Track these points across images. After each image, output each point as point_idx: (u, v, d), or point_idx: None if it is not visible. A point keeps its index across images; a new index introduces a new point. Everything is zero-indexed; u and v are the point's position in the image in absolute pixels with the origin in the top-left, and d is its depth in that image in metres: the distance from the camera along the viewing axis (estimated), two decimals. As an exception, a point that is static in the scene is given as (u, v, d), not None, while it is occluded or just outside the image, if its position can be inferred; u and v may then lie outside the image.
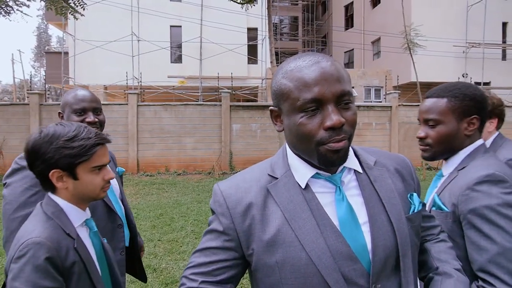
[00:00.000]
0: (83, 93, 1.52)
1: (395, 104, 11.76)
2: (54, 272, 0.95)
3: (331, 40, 23.13)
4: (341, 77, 0.72)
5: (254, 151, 11.08)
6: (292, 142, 0.79)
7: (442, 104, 1.14)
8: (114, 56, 14.25)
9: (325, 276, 0.70)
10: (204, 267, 0.79)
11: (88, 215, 1.15)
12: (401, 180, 0.84)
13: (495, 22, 16.11)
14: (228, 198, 0.80)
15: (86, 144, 1.04)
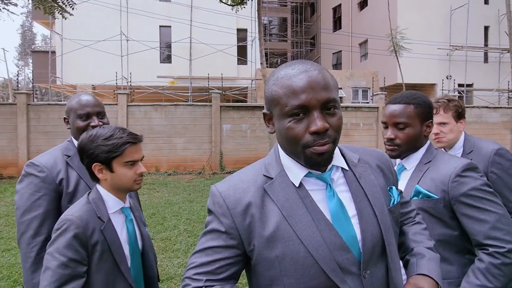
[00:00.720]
0: (87, 98, 1.58)
1: (381, 105, 12.03)
2: (78, 246, 1.14)
3: (319, 41, 23.42)
4: (327, 85, 0.78)
5: (244, 151, 11.18)
6: (282, 144, 0.86)
7: (410, 110, 1.30)
8: (103, 55, 14.13)
9: (323, 266, 0.77)
10: (207, 266, 0.82)
11: (126, 204, 1.32)
12: (382, 175, 0.93)
13: (478, 26, 16.64)
14: (227, 198, 0.84)
15: (118, 143, 1.23)
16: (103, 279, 1.19)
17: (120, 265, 1.23)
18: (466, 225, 1.20)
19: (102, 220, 1.22)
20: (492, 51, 16.68)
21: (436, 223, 1.24)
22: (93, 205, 1.23)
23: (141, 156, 1.31)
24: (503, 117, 12.89)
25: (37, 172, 1.43)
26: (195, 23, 14.46)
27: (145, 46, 14.40)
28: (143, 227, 1.40)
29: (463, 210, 1.19)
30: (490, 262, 1.12)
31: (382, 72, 16.49)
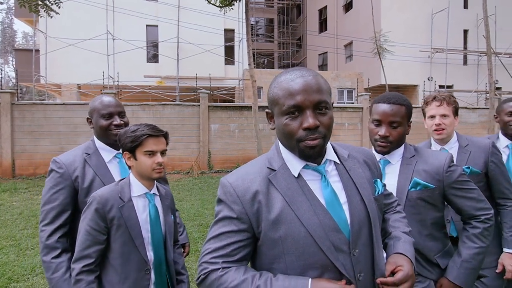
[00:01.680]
0: (109, 99, 1.72)
1: (366, 105, 12.36)
2: (98, 218, 1.38)
3: (306, 42, 23.72)
4: (320, 88, 0.91)
5: (232, 150, 11.30)
6: (281, 139, 0.99)
7: (402, 110, 1.44)
8: (89, 54, 13.99)
9: (320, 245, 0.89)
10: (222, 250, 0.92)
11: (152, 191, 1.51)
12: (368, 169, 1.07)
13: (457, 30, 17.23)
14: (237, 188, 0.95)
15: (138, 134, 1.43)
16: (119, 248, 1.41)
17: (135, 240, 1.42)
18: (459, 204, 1.44)
19: (123, 200, 1.42)
20: (471, 54, 17.30)
21: (431, 209, 1.44)
22: (119, 188, 1.45)
23: (161, 148, 1.47)
24: (481, 117, 13.43)
25: (57, 168, 1.59)
26: (183, 23, 14.48)
27: (131, 45, 14.32)
28: (168, 215, 1.56)
29: (456, 193, 1.44)
30: (483, 227, 1.40)
31: (366, 73, 16.88)
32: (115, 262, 1.42)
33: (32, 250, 4.13)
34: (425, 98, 2.03)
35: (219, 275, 0.90)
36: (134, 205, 1.45)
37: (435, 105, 1.89)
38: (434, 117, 1.89)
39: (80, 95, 15.00)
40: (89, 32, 13.99)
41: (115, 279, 1.41)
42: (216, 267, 0.91)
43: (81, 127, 10.26)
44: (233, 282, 0.88)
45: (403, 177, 1.45)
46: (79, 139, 10.23)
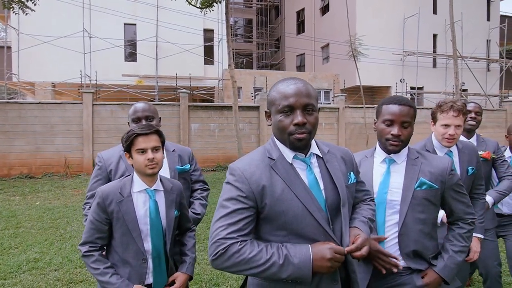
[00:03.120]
0: (138, 105, 1.99)
1: (342, 106, 12.82)
2: (99, 211, 1.56)
3: (284, 43, 24.10)
4: (308, 94, 1.14)
5: (213, 150, 11.43)
6: (275, 133, 1.20)
7: (412, 111, 1.52)
8: (64, 52, 13.66)
9: (315, 216, 1.12)
10: (235, 226, 1.09)
11: (153, 187, 1.62)
12: (344, 164, 1.28)
13: (427, 34, 18.10)
14: (245, 171, 1.14)
15: (129, 134, 1.56)
16: (120, 238, 1.57)
17: (132, 232, 1.55)
18: (453, 205, 1.54)
19: (122, 195, 1.57)
20: (440, 57, 18.22)
21: (433, 209, 1.51)
22: (121, 183, 1.61)
23: (152, 145, 1.56)
24: (449, 118, 14.20)
25: (98, 161, 1.97)
26: (161, 22, 14.42)
27: (109, 44, 14.12)
28: (171, 210, 1.65)
29: (453, 195, 1.53)
30: (468, 228, 1.54)
31: (342, 74, 17.42)
32: (117, 249, 1.59)
33: (16, 249, 4.15)
34: (441, 103, 2.02)
35: (238, 248, 1.06)
36: (134, 200, 1.58)
37: (452, 115, 1.94)
38: (449, 126, 1.94)
39: (55, 94, 14.62)
40: (64, 30, 13.66)
41: (118, 263, 1.59)
42: (234, 241, 1.07)
43: (58, 126, 10.09)
44: (252, 253, 1.06)
45: (410, 177, 1.51)
46: (56, 138, 10.06)
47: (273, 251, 1.07)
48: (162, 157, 1.62)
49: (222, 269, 1.11)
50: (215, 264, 1.10)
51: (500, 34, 20.09)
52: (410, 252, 1.45)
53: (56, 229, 4.96)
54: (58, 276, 3.39)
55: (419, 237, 1.46)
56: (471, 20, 18.52)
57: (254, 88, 16.07)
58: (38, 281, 3.29)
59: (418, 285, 1.43)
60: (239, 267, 1.07)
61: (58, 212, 5.89)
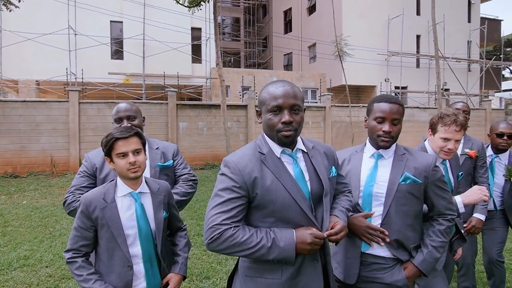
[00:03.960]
0: (120, 105, 2.03)
1: (328, 104, 13.05)
2: (84, 218, 1.53)
3: (271, 42, 24.24)
4: (295, 95, 1.27)
5: (201, 148, 11.48)
6: (265, 130, 1.33)
7: (401, 109, 1.61)
8: (49, 50, 13.43)
9: (300, 205, 1.25)
10: (228, 213, 1.21)
11: (135, 190, 1.58)
12: (326, 159, 1.42)
13: (411, 35, 18.52)
14: (239, 164, 1.26)
15: (108, 139, 1.53)
16: (105, 244, 1.54)
17: (117, 238, 1.51)
18: (435, 200, 1.61)
19: (106, 201, 1.53)
20: (423, 57, 18.67)
21: (416, 202, 1.59)
22: (105, 189, 1.57)
23: (132, 149, 1.52)
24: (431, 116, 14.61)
25: (84, 161, 2.03)
26: (148, 20, 14.34)
27: (94, 41, 13.95)
28: (159, 212, 1.62)
29: (435, 190, 1.60)
30: (447, 225, 1.61)
31: (329, 74, 17.68)
32: (103, 256, 1.56)
33: (6, 247, 4.15)
34: (443, 115, 1.97)
35: (232, 232, 1.19)
36: (118, 205, 1.54)
37: (454, 129, 1.91)
38: (449, 140, 1.93)
39: (39, 92, 14.37)
40: (49, 27, 13.44)
41: (103, 271, 1.55)
42: (228, 227, 1.20)
43: (43, 125, 9.96)
44: (244, 237, 1.20)
45: (395, 171, 1.60)
46: (41, 137, 9.94)
47: (262, 235, 1.21)
48: (144, 159, 1.58)
49: (216, 251, 1.23)
50: (211, 247, 1.22)
51: (480, 36, 20.72)
52: (393, 241, 1.56)
53: (45, 227, 4.96)
54: (50, 273, 3.44)
55: (401, 228, 1.56)
56: (453, 21, 19.05)
57: (242, 87, 16.15)
58: (30, 278, 3.33)
59: (400, 278, 1.55)
60: (232, 249, 1.20)
61: (46, 210, 5.87)
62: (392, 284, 1.56)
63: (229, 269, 3.50)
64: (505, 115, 14.61)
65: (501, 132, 2.73)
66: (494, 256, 2.80)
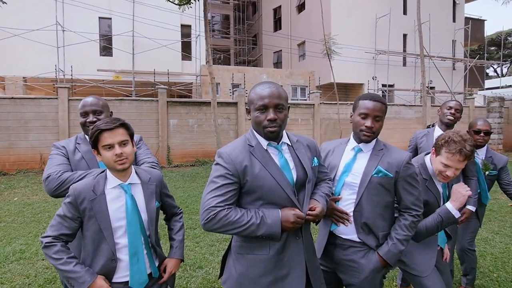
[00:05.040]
0: (86, 99, 2.02)
1: (317, 102, 13.28)
2: (71, 208, 1.51)
3: (261, 40, 24.35)
4: (280, 95, 1.43)
5: (192, 145, 11.57)
6: (253, 126, 1.50)
7: (384, 107, 1.74)
8: (36, 46, 13.30)
9: (285, 190, 1.42)
10: (222, 197, 1.38)
11: (124, 181, 1.57)
12: (309, 151, 1.60)
13: (398, 34, 18.88)
14: (231, 155, 1.43)
15: (93, 131, 1.51)
16: (91, 236, 1.52)
17: (104, 231, 1.50)
18: (403, 195, 1.73)
19: (95, 193, 1.51)
20: (409, 56, 19.07)
21: (386, 194, 1.73)
22: (95, 181, 1.54)
23: (118, 140, 1.50)
24: (417, 114, 15.02)
25: (56, 148, 1.99)
26: (138, 17, 14.30)
27: (83, 38, 13.86)
28: (151, 202, 1.62)
29: (403, 185, 1.72)
30: (411, 220, 1.73)
31: (318, 72, 17.93)
32: (88, 247, 1.53)
33: (0, 242, 4.21)
34: (449, 139, 1.92)
35: (225, 213, 1.37)
36: (107, 197, 1.52)
37: (458, 159, 1.90)
38: (450, 167, 1.94)
39: (26, 88, 14.21)
40: (36, 23, 13.29)
41: (87, 262, 1.53)
42: (222, 208, 1.37)
43: (32, 122, 9.91)
44: (236, 216, 1.37)
45: (370, 165, 1.74)
46: (30, 134, 9.89)
47: (252, 215, 1.39)
48: (132, 151, 1.55)
49: (212, 231, 1.39)
50: (207, 226, 1.39)
51: (465, 35, 21.26)
52: (362, 224, 1.74)
53: (38, 223, 5.03)
54: (46, 265, 3.54)
55: (370, 215, 1.72)
56: (438, 21, 19.49)
57: (232, 85, 16.27)
58: (27, 270, 3.43)
59: (371, 264, 1.72)
60: (226, 228, 1.37)
61: (38, 207, 5.93)
62: (363, 268, 1.73)
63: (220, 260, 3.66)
64: (487, 113, 15.09)
65: (478, 129, 2.89)
66: (466, 245, 3.04)
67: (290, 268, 1.47)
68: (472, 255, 3.05)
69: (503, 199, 6.31)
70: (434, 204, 2.01)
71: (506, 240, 4.37)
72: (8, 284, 3.14)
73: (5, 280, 3.22)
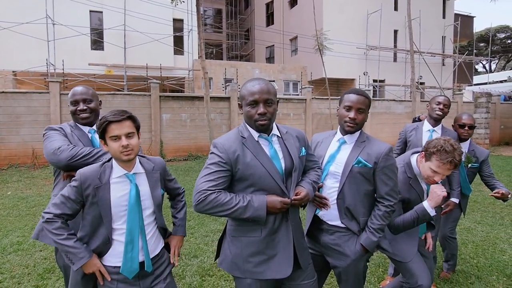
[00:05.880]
0: (76, 88, 2.10)
1: (309, 97, 13.42)
2: (75, 192, 1.58)
3: (253, 34, 24.34)
4: (269, 91, 1.55)
5: (185, 139, 11.63)
6: (245, 120, 1.63)
7: (367, 101, 1.87)
8: (26, 40, 13.15)
9: (274, 178, 1.55)
10: (214, 182, 1.50)
11: (129, 171, 1.63)
12: (298, 141, 1.71)
13: (388, 29, 19.09)
14: (225, 145, 1.56)
15: (101, 122, 1.57)
16: (91, 220, 1.61)
17: (103, 217, 1.58)
18: (379, 185, 1.85)
19: (101, 181, 1.58)
20: (400, 52, 19.32)
21: (365, 182, 1.86)
22: (102, 169, 1.61)
23: (125, 132, 1.56)
24: (406, 109, 15.28)
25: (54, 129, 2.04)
26: (129, 11, 14.21)
27: (74, 32, 13.73)
28: (157, 189, 1.70)
29: (380, 176, 1.84)
30: (384, 210, 1.85)
31: (310, 67, 18.06)
32: (86, 228, 1.62)
33: (-3, 234, 4.29)
34: (440, 148, 1.99)
35: (215, 196, 1.50)
36: (111, 186, 1.59)
37: (447, 168, 1.99)
38: (439, 174, 2.03)
39: (16, 83, 14.05)
40: (25, 16, 13.12)
41: (84, 241, 1.62)
42: (212, 192, 1.50)
43: (24, 116, 9.85)
44: (225, 199, 1.50)
45: (352, 155, 1.87)
46: (22, 129, 9.84)
47: (240, 198, 1.52)
48: (137, 143, 1.61)
49: (202, 212, 1.52)
50: (198, 208, 1.51)
51: (454, 31, 21.58)
52: (345, 210, 1.89)
53: (34, 216, 5.09)
54: (44, 255, 3.62)
55: (351, 202, 1.86)
56: (428, 17, 19.74)
57: (225, 79, 16.31)
58: (26, 260, 3.51)
59: (352, 248, 1.87)
60: (215, 210, 1.50)
61: (33, 200, 5.97)
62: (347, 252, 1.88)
63: (215, 249, 3.80)
64: (475, 108, 15.42)
65: (463, 123, 3.05)
66: (447, 233, 3.21)
67: (280, 249, 1.61)
68: (453, 243, 3.23)
69: (486, 191, 6.54)
70: (416, 201, 2.14)
71: (487, 229, 4.59)
72: (8, 273, 3.23)
73: (5, 270, 3.30)
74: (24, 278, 3.14)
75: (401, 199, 2.11)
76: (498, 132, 17.12)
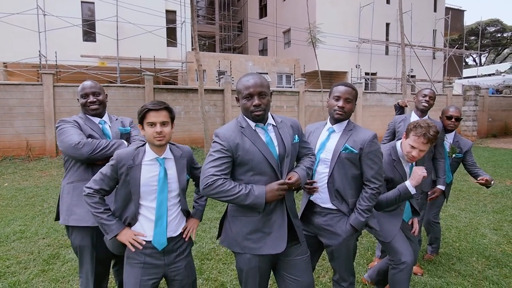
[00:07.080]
0: (86, 83, 2.29)
1: (302, 90, 13.58)
2: (111, 170, 1.78)
3: (246, 27, 24.29)
4: (262, 84, 1.71)
5: (179, 132, 11.72)
6: (242, 111, 1.77)
7: (354, 92, 2.05)
8: (16, 31, 12.99)
9: (270, 162, 1.71)
10: (219, 167, 1.67)
11: (160, 156, 1.80)
12: (292, 129, 1.86)
13: (380, 23, 19.28)
14: (226, 134, 1.72)
15: (142, 109, 1.76)
16: (123, 195, 1.80)
17: (133, 195, 1.77)
18: (365, 168, 2.02)
19: (134, 162, 1.78)
20: (392, 45, 19.54)
21: (352, 167, 2.02)
22: (136, 152, 1.81)
23: (160, 120, 1.75)
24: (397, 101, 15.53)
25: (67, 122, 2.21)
26: (121, 2, 14.10)
27: (65, 23, 13.60)
28: (183, 174, 1.87)
29: (365, 161, 2.00)
30: (370, 192, 2.02)
31: (303, 59, 18.17)
32: (118, 203, 1.84)
33: None
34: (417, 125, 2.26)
35: (221, 182, 1.65)
36: (142, 168, 1.77)
37: (422, 142, 2.23)
38: (414, 148, 2.26)
39: (7, 74, 13.91)
40: (16, 7, 12.95)
41: (116, 214, 1.84)
42: (219, 178, 1.66)
43: (16, 109, 9.82)
44: (230, 186, 1.65)
45: (340, 143, 2.04)
46: (15, 121, 9.82)
47: (242, 187, 1.68)
48: (170, 131, 1.78)
49: (209, 196, 1.69)
50: (205, 191, 1.68)
51: (445, 25, 21.86)
52: (335, 192, 2.07)
53: (33, 206, 5.19)
54: (48, 243, 3.76)
55: (340, 184, 2.04)
56: (420, 11, 19.96)
57: (218, 72, 16.35)
58: (30, 247, 3.65)
59: (343, 228, 2.05)
60: (220, 195, 1.66)
61: (31, 191, 6.06)
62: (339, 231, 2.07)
63: (213, 235, 3.97)
64: (464, 100, 15.76)
65: (450, 115, 3.24)
66: (431, 218, 3.44)
67: (275, 227, 1.79)
68: (436, 227, 3.46)
69: (471, 181, 6.83)
70: (399, 181, 2.35)
71: (470, 215, 4.85)
72: (13, 259, 3.36)
73: (10, 256, 3.43)
74: (30, 263, 3.27)
75: (385, 178, 2.31)
76: (486, 125, 17.54)
